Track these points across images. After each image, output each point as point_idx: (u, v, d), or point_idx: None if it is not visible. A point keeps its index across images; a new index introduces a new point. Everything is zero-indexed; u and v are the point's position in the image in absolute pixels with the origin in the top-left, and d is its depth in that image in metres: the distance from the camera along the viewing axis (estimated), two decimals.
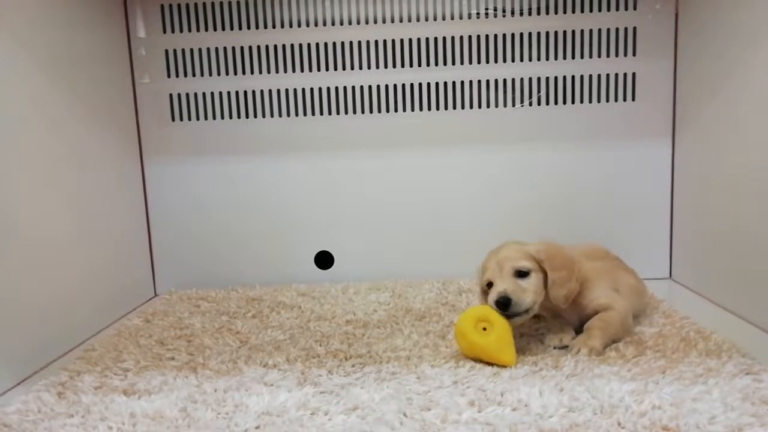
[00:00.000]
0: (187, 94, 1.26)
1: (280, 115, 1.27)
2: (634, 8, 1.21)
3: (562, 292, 0.86)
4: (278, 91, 1.26)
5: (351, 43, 1.24)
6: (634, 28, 1.21)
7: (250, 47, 1.25)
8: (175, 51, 1.25)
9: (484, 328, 0.82)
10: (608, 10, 1.21)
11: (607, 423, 0.64)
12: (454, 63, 1.24)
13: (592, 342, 0.84)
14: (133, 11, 1.23)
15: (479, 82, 1.25)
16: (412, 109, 1.26)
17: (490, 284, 0.87)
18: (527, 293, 0.84)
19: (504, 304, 0.83)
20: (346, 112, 1.27)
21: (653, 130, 1.24)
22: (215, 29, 1.24)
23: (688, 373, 0.75)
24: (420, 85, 1.25)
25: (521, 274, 0.85)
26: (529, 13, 1.22)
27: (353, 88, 1.26)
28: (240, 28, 1.24)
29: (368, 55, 1.25)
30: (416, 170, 1.28)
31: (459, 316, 0.85)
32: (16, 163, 0.87)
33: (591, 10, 1.21)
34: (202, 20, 1.24)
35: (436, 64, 1.25)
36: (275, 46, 1.25)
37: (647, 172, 1.26)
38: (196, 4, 1.23)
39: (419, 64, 1.25)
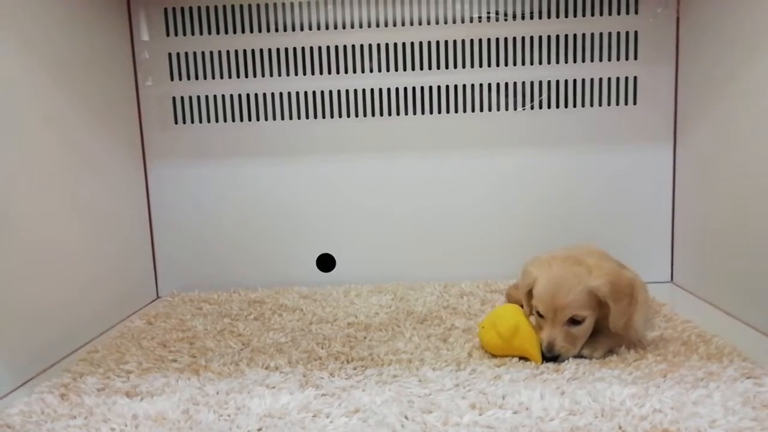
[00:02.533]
0: (190, 97, 1.27)
1: (283, 118, 1.28)
2: (636, 12, 1.21)
3: (622, 320, 0.82)
4: (281, 94, 1.27)
5: (353, 46, 1.25)
6: (636, 32, 1.22)
7: (253, 50, 1.25)
8: (178, 54, 1.26)
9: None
10: (610, 14, 1.21)
11: (608, 426, 0.64)
12: (455, 67, 1.25)
13: (596, 347, 0.84)
14: (136, 14, 1.24)
15: (480, 85, 1.25)
16: (414, 113, 1.27)
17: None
18: (576, 341, 0.82)
19: (552, 359, 0.82)
20: (349, 116, 1.27)
21: (655, 134, 1.25)
22: (218, 32, 1.25)
23: (689, 376, 0.76)
24: (422, 88, 1.26)
25: (576, 322, 0.82)
26: (531, 17, 1.23)
27: (355, 91, 1.26)
28: (243, 31, 1.25)
29: (370, 59, 1.25)
30: (418, 173, 1.29)
31: (491, 318, 0.87)
32: (19, 165, 0.87)
33: (593, 14, 1.22)
34: (205, 23, 1.25)
35: (438, 68, 1.25)
36: (278, 50, 1.25)
37: (648, 176, 1.26)
38: (199, 8, 1.24)
39: (422, 68, 1.25)
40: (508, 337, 0.83)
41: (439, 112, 1.26)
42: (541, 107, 1.25)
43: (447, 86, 1.25)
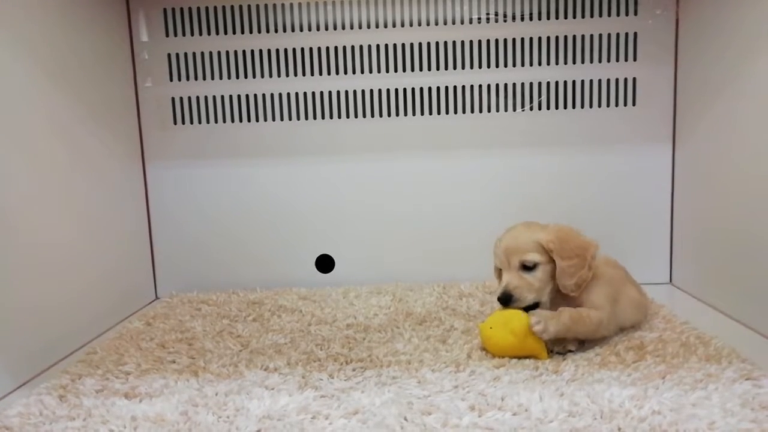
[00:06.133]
0: (189, 98, 1.27)
1: (282, 119, 1.28)
2: (635, 13, 1.21)
3: (572, 280, 0.85)
4: (280, 95, 1.27)
5: (353, 47, 1.25)
6: (635, 33, 1.22)
7: (252, 51, 1.25)
8: (177, 55, 1.26)
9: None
10: (609, 15, 1.21)
11: (607, 428, 0.64)
12: (455, 67, 1.25)
13: (551, 325, 0.81)
14: (136, 15, 1.24)
15: (480, 86, 1.25)
16: (414, 114, 1.27)
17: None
18: (532, 288, 0.86)
19: (505, 301, 0.86)
20: (348, 116, 1.27)
21: (654, 135, 1.25)
22: (217, 33, 1.25)
23: (688, 378, 0.76)
24: (421, 89, 1.26)
25: (527, 267, 0.87)
26: (531, 18, 1.23)
27: (355, 92, 1.26)
28: (242, 32, 1.25)
29: (370, 60, 1.25)
30: (417, 174, 1.29)
31: (501, 318, 0.86)
32: (18, 166, 0.87)
33: (592, 16, 1.22)
34: (205, 24, 1.25)
35: (438, 69, 1.25)
36: (277, 50, 1.25)
37: (648, 177, 1.26)
38: (198, 8, 1.24)
39: (421, 69, 1.25)
40: (523, 336, 0.83)
41: (439, 113, 1.26)
42: (540, 108, 1.25)
43: (447, 87, 1.25)
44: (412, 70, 1.25)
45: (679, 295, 1.20)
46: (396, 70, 1.25)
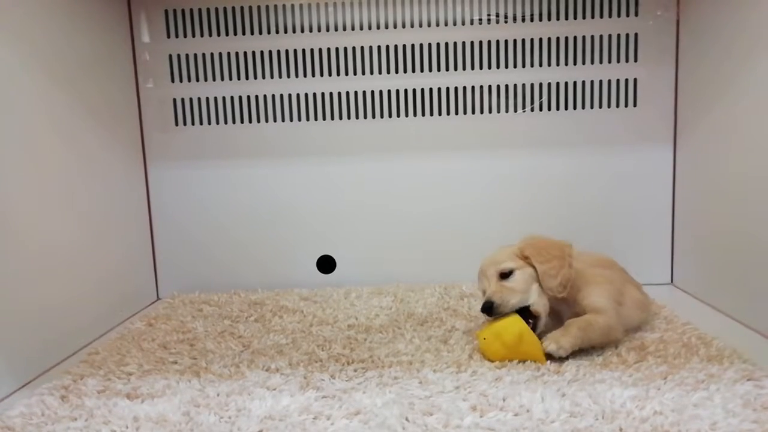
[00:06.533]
0: (191, 99, 1.27)
1: (283, 120, 1.28)
2: (636, 14, 1.21)
3: (555, 281, 0.87)
4: (281, 96, 1.27)
5: (353, 48, 1.25)
6: (636, 34, 1.22)
7: (253, 52, 1.25)
8: (178, 56, 1.26)
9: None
10: (610, 16, 1.22)
11: (608, 428, 0.64)
12: (456, 69, 1.25)
13: (564, 340, 0.82)
14: (137, 16, 1.24)
15: (481, 87, 1.25)
16: (414, 115, 1.27)
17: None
18: (514, 292, 0.86)
19: (487, 309, 0.85)
20: (349, 117, 1.27)
21: (655, 136, 1.25)
22: (219, 34, 1.25)
23: (690, 378, 0.76)
24: (422, 90, 1.26)
25: (504, 275, 0.88)
26: (531, 20, 1.23)
27: (355, 93, 1.26)
28: (243, 33, 1.25)
29: (370, 61, 1.25)
30: (418, 175, 1.29)
31: (494, 329, 0.85)
32: (20, 167, 0.87)
33: (593, 17, 1.22)
34: (206, 25, 1.25)
35: (438, 70, 1.25)
36: (278, 52, 1.25)
37: (649, 178, 1.26)
38: (200, 10, 1.24)
39: (421, 70, 1.25)
40: (514, 347, 0.83)
41: (440, 114, 1.27)
42: (541, 109, 1.26)
43: (447, 88, 1.26)
44: (413, 71, 1.25)
45: (681, 295, 1.20)
46: (397, 71, 1.26)
